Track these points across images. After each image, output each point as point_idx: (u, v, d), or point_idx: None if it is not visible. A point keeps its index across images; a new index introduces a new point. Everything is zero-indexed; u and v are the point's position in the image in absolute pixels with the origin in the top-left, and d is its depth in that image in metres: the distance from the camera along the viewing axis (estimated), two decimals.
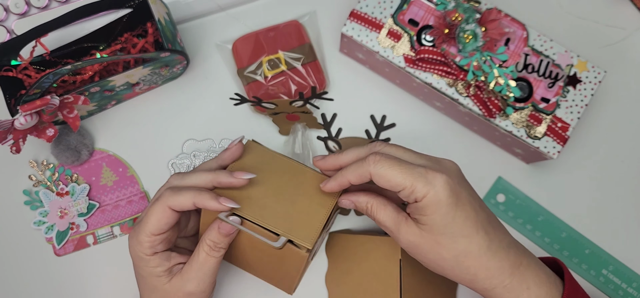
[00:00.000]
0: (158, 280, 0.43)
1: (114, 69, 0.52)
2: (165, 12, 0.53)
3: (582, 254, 0.57)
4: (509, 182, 0.58)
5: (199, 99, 0.59)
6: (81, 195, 0.56)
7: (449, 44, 0.51)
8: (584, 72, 0.52)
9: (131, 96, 0.58)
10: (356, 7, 0.53)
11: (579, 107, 0.52)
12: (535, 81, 0.52)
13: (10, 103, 0.49)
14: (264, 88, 0.57)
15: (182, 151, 0.58)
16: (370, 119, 0.58)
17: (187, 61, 0.55)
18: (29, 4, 0.55)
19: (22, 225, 0.56)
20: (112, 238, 0.57)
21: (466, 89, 0.52)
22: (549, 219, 0.57)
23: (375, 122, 0.58)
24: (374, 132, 0.58)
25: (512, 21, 0.52)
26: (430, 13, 0.52)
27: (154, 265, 0.43)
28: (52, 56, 0.51)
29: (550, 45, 0.52)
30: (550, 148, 0.51)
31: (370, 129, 0.58)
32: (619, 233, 0.57)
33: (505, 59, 0.51)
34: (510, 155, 0.58)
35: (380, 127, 0.58)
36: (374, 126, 0.58)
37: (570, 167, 0.58)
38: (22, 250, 0.56)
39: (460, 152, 0.58)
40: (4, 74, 0.49)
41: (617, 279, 0.57)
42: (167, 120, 0.58)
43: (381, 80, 0.59)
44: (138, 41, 0.51)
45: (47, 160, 0.57)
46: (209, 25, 0.60)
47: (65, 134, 0.55)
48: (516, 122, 0.52)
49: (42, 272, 0.56)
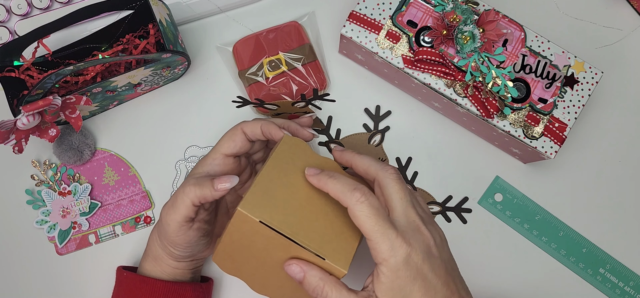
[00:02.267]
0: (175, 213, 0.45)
1: (116, 70, 0.52)
2: (166, 14, 0.53)
3: (580, 253, 0.57)
4: (506, 182, 0.58)
5: (200, 99, 0.59)
6: (83, 195, 0.56)
7: (447, 45, 0.52)
8: (581, 73, 0.52)
9: (133, 97, 0.58)
10: (355, 8, 0.53)
11: (576, 107, 0.52)
12: (533, 82, 0.52)
13: (13, 103, 0.49)
14: (265, 89, 0.57)
15: (184, 157, 0.58)
16: (365, 112, 0.59)
17: (188, 62, 0.56)
18: (31, 5, 0.56)
19: (25, 224, 0.57)
20: (114, 237, 0.57)
21: (464, 89, 0.52)
22: (546, 218, 0.58)
23: (371, 114, 0.59)
24: (371, 125, 0.59)
25: (509, 22, 0.53)
26: (428, 14, 0.53)
27: (187, 192, 0.45)
28: (55, 57, 0.51)
29: (548, 46, 0.52)
30: (548, 148, 0.52)
31: (369, 123, 0.59)
32: (616, 232, 0.58)
33: (503, 60, 0.52)
34: (508, 155, 0.59)
35: (376, 117, 0.59)
36: (370, 119, 0.59)
37: (568, 167, 0.59)
38: (25, 249, 0.57)
39: (458, 151, 0.59)
40: (6, 74, 0.49)
41: (614, 278, 0.57)
42: (168, 120, 0.59)
43: (380, 81, 0.60)
44: (140, 42, 0.51)
45: (50, 160, 0.57)
46: (209, 26, 0.60)
47: (68, 134, 0.56)
48: (514, 122, 0.52)
49: (44, 270, 0.57)
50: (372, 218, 0.39)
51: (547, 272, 0.57)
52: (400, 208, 0.41)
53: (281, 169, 0.44)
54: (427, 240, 0.40)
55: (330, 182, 0.42)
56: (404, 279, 0.38)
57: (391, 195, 0.41)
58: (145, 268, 0.50)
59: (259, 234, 0.41)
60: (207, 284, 0.53)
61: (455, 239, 0.57)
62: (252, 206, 0.40)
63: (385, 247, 0.38)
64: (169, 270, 0.50)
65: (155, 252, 0.49)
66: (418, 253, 0.39)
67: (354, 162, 0.45)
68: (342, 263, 0.41)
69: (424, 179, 0.58)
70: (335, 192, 0.41)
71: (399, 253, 0.38)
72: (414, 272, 0.39)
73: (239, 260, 0.44)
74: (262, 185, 0.42)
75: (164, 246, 0.48)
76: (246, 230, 0.41)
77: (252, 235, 0.41)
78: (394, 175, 0.42)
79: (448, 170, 0.59)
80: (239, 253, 0.44)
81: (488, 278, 0.57)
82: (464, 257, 0.57)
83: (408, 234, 0.39)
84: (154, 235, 0.50)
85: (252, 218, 0.40)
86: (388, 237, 0.38)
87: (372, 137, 0.59)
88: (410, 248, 0.39)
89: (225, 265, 0.45)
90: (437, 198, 0.58)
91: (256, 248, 0.42)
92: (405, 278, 0.38)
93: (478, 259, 0.58)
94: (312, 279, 0.41)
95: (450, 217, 0.58)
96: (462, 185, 0.58)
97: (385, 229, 0.39)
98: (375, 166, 0.43)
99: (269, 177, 0.43)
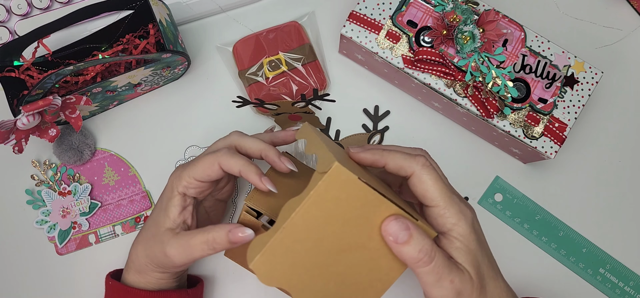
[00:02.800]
0: (164, 219, 0.45)
1: (116, 70, 0.52)
2: (166, 14, 0.53)
3: (580, 253, 0.57)
4: (506, 182, 0.58)
5: (200, 99, 0.59)
6: (83, 195, 0.56)
7: (447, 45, 0.52)
8: (581, 73, 0.52)
9: (133, 96, 0.58)
10: (355, 8, 0.53)
11: (576, 107, 0.52)
12: (533, 82, 0.52)
13: (13, 103, 0.49)
14: (265, 89, 0.57)
15: (184, 157, 0.58)
16: (364, 112, 0.59)
17: (188, 62, 0.56)
18: (31, 5, 0.56)
19: (25, 224, 0.57)
20: (114, 237, 0.57)
21: (464, 89, 0.52)
22: (546, 218, 0.58)
23: (369, 114, 0.59)
24: (371, 125, 0.59)
25: (509, 22, 0.53)
26: (428, 14, 0.53)
27: (174, 203, 0.45)
28: (55, 57, 0.51)
29: (548, 46, 0.53)
30: (548, 148, 0.52)
31: (367, 124, 0.59)
32: (616, 232, 0.58)
33: (503, 60, 0.52)
34: (508, 155, 0.59)
35: (375, 118, 0.59)
36: (369, 119, 0.59)
37: (568, 167, 0.59)
38: (25, 249, 0.57)
39: (458, 151, 0.59)
40: (6, 74, 0.49)
41: (614, 278, 0.57)
42: (168, 120, 0.59)
43: (380, 81, 0.60)
44: (140, 42, 0.51)
45: (50, 160, 0.57)
46: (209, 26, 0.60)
47: (68, 134, 0.56)
48: (514, 122, 0.52)
49: (44, 271, 0.57)
50: (439, 182, 0.38)
51: (547, 272, 0.57)
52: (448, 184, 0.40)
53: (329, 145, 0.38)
54: (472, 210, 0.41)
55: (385, 153, 0.39)
56: (474, 243, 0.38)
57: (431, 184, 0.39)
58: (128, 280, 0.48)
59: (347, 200, 0.35)
60: (195, 289, 0.51)
61: None
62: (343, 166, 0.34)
63: (454, 211, 0.38)
64: (154, 281, 0.48)
65: (139, 265, 0.47)
66: (476, 219, 0.40)
67: (385, 160, 0.40)
68: (430, 228, 0.38)
69: None
70: (395, 162, 0.39)
71: (468, 216, 0.38)
72: (478, 235, 0.39)
73: (297, 254, 0.36)
74: (334, 153, 0.36)
75: (151, 265, 0.46)
76: (332, 198, 0.34)
77: (336, 203, 0.35)
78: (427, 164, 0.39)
79: (448, 170, 0.58)
80: (302, 242, 0.36)
81: None
82: None
83: (465, 202, 0.40)
84: (139, 250, 0.47)
85: (350, 175, 0.34)
86: (455, 202, 0.38)
87: (372, 137, 0.59)
88: (472, 214, 0.39)
89: (274, 272, 0.36)
90: None
91: (333, 226, 0.36)
92: (474, 242, 0.39)
93: None
94: (420, 240, 0.36)
95: None
96: (462, 185, 0.58)
97: (451, 194, 0.39)
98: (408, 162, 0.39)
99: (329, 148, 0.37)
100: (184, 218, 0.45)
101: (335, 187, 0.34)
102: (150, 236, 0.46)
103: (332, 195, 0.34)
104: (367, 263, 0.37)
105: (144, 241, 0.47)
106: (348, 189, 0.34)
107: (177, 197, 0.45)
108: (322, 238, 0.36)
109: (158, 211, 0.46)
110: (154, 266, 0.46)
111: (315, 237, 0.36)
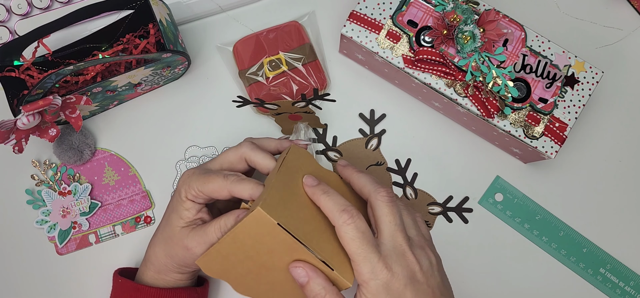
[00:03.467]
0: (177, 220, 0.47)
1: (116, 70, 0.52)
2: (166, 13, 0.53)
3: (580, 253, 0.57)
4: (507, 181, 0.58)
5: (200, 99, 0.59)
6: (83, 195, 0.56)
7: (448, 44, 0.52)
8: (582, 73, 0.52)
9: (133, 96, 0.58)
10: (355, 8, 0.53)
11: (576, 107, 0.52)
12: (533, 81, 0.52)
13: (13, 103, 0.49)
14: (265, 89, 0.57)
15: (184, 157, 0.58)
16: (359, 117, 0.59)
17: (188, 62, 0.56)
18: (31, 4, 0.56)
19: (25, 224, 0.57)
20: (114, 237, 0.57)
21: (464, 89, 0.52)
22: (546, 218, 0.58)
23: (365, 119, 0.59)
24: (367, 130, 0.59)
25: (510, 22, 0.53)
26: (429, 14, 0.53)
27: (185, 207, 0.47)
28: (55, 57, 0.51)
29: (548, 46, 0.52)
30: (548, 148, 0.52)
31: (364, 128, 0.59)
32: (616, 232, 0.58)
33: (503, 60, 0.52)
34: (508, 155, 0.59)
35: (371, 122, 0.59)
36: (365, 123, 0.59)
37: (568, 167, 0.59)
38: (25, 249, 0.57)
39: (458, 151, 0.59)
40: (6, 74, 0.49)
41: (614, 278, 0.57)
42: (168, 120, 0.59)
43: (380, 81, 0.60)
44: (140, 42, 0.51)
45: (50, 159, 0.57)
46: (209, 26, 0.60)
47: (68, 134, 0.56)
48: (514, 122, 0.52)
49: (44, 270, 0.57)
50: (356, 240, 0.40)
51: (548, 272, 0.57)
52: (388, 231, 0.41)
53: (291, 178, 0.44)
54: (412, 266, 0.41)
55: (322, 197, 0.42)
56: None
57: (380, 217, 0.42)
58: (145, 279, 0.50)
59: (270, 236, 0.40)
60: (203, 288, 0.53)
61: (455, 239, 0.58)
62: (271, 208, 0.40)
63: (366, 270, 0.39)
64: (172, 281, 0.49)
65: (159, 265, 0.49)
66: (400, 278, 0.40)
67: (352, 180, 0.46)
68: (348, 276, 0.41)
69: (424, 180, 0.58)
70: (325, 208, 0.42)
71: (379, 277, 0.39)
72: (394, 297, 0.39)
73: (231, 261, 0.44)
74: (277, 190, 0.42)
75: (172, 264, 0.48)
76: (256, 232, 0.41)
77: (261, 236, 0.41)
78: (385, 197, 0.42)
79: (448, 171, 0.59)
80: (235, 254, 0.43)
81: (488, 278, 0.57)
82: (464, 258, 0.58)
83: (391, 259, 0.40)
84: (158, 250, 0.49)
85: (270, 219, 0.39)
86: (369, 261, 0.39)
87: (369, 141, 0.59)
88: (390, 274, 0.39)
89: (212, 267, 0.45)
90: (438, 199, 0.58)
91: (259, 250, 0.42)
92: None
93: (478, 259, 0.57)
94: (316, 286, 0.41)
95: (451, 217, 0.58)
96: (463, 185, 0.58)
97: (367, 253, 0.40)
98: (369, 187, 0.44)
99: (282, 182, 0.43)
100: (201, 217, 0.47)
101: (258, 225, 0.40)
102: (167, 237, 0.48)
103: (255, 231, 0.41)
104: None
105: (162, 242, 0.48)
106: (269, 229, 0.40)
107: (187, 202, 0.47)
108: (251, 256, 0.43)
109: (171, 213, 0.48)
110: (175, 265, 0.48)
111: (244, 254, 0.43)
